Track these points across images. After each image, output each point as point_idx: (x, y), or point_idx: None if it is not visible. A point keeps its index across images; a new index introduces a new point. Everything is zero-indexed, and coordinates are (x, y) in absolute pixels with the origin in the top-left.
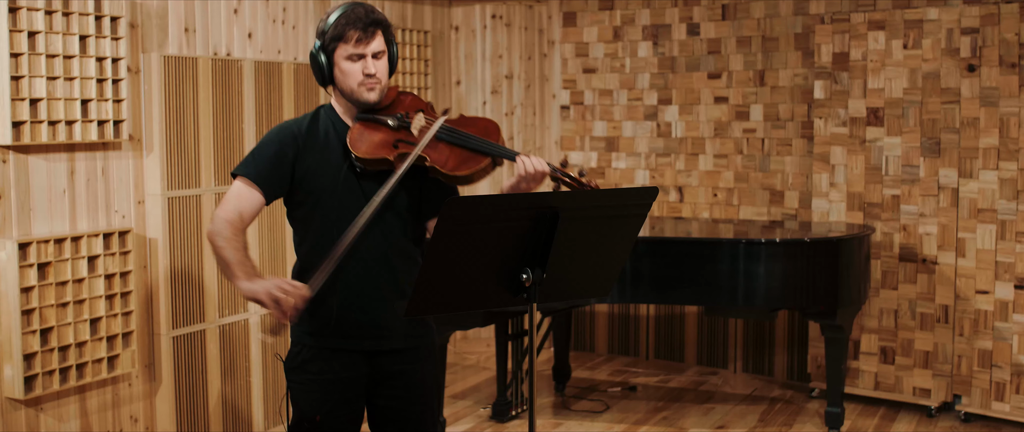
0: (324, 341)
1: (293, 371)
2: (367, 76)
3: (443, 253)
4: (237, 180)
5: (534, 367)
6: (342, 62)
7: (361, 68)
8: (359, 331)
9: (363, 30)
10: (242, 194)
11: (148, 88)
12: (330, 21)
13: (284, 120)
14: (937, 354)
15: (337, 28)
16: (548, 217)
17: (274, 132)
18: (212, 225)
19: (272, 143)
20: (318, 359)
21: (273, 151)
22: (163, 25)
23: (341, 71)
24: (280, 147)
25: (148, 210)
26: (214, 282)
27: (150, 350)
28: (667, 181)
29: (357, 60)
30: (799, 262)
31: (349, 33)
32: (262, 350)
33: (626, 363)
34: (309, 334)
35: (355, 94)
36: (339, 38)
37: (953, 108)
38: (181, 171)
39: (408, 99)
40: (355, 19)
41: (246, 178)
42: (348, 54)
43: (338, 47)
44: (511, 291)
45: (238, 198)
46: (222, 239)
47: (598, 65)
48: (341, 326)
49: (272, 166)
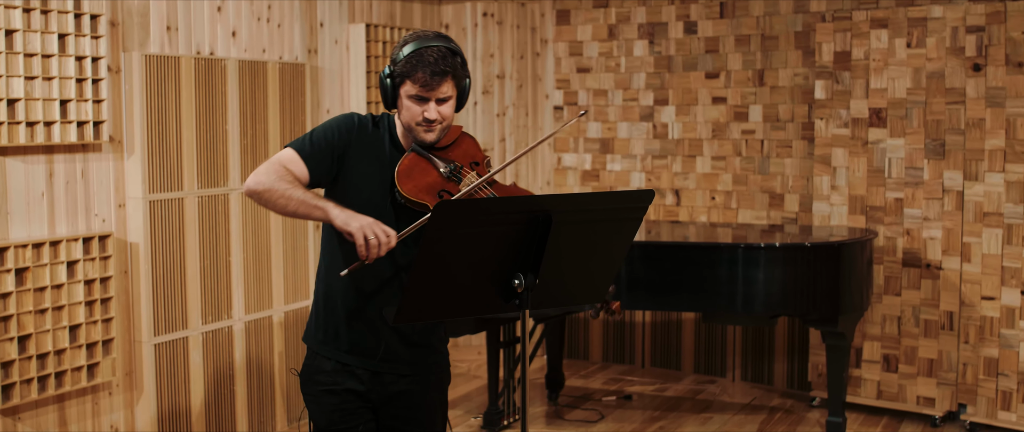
0: (333, 353)
1: (307, 383)
2: (426, 120)
3: (433, 258)
4: (287, 149)
5: (526, 375)
6: (405, 98)
7: (422, 111)
8: (364, 349)
9: (430, 77)
10: (292, 159)
11: (129, 88)
12: (402, 53)
13: (267, 130)
14: (941, 362)
15: (407, 64)
16: (541, 221)
17: (335, 121)
18: (258, 177)
19: (329, 130)
20: (327, 370)
21: (325, 137)
22: (144, 23)
23: (403, 105)
24: (334, 136)
25: (129, 214)
26: (197, 288)
27: (131, 358)
28: (663, 184)
29: (420, 102)
30: (799, 267)
31: (416, 74)
32: (246, 358)
33: (621, 371)
34: (320, 342)
35: (413, 132)
36: (406, 75)
37: (958, 109)
38: (163, 174)
39: (466, 145)
40: (425, 62)
41: (296, 151)
42: (413, 93)
43: (405, 82)
44: (503, 297)
45: (289, 160)
46: (284, 181)
47: (592, 64)
48: (348, 342)
49: (323, 151)
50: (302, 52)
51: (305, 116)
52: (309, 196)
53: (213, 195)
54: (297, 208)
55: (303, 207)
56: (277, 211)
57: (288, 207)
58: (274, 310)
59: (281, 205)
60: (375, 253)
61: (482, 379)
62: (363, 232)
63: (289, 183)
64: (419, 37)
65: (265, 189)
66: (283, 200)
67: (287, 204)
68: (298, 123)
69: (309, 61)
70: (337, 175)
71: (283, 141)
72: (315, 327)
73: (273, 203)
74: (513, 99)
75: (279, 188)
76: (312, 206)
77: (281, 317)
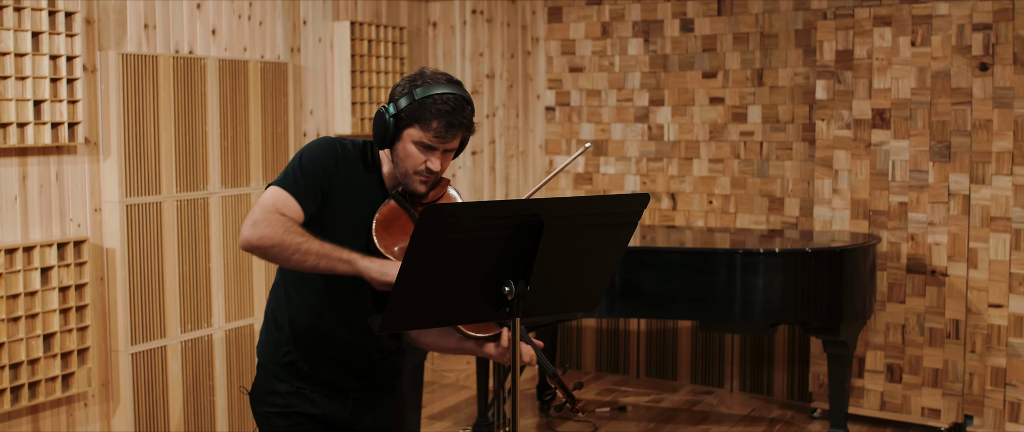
0: (294, 381)
1: (259, 403)
2: (428, 170)
3: (419, 265)
4: (276, 189)
5: (517, 386)
6: (409, 143)
7: (425, 161)
8: (329, 379)
9: (447, 128)
10: (287, 202)
11: (105, 88)
12: (417, 95)
13: (247, 132)
14: (947, 372)
15: (422, 109)
16: (531, 226)
17: (318, 150)
18: (259, 230)
19: (315, 162)
20: (282, 392)
21: (313, 170)
22: (121, 21)
23: (404, 150)
24: (321, 169)
25: (105, 218)
26: (176, 295)
27: (107, 368)
28: (659, 187)
29: (425, 151)
30: (800, 274)
31: (433, 123)
32: (227, 368)
33: (615, 381)
34: (281, 366)
35: (406, 178)
36: (418, 120)
37: (964, 109)
38: (140, 177)
39: (449, 199)
40: (444, 113)
41: (287, 191)
42: (419, 140)
43: (413, 126)
44: (492, 305)
45: (284, 203)
46: (295, 234)
47: (585, 63)
48: (316, 372)
49: (311, 186)
50: (284, 51)
51: (288, 117)
52: (329, 248)
53: (192, 199)
54: (317, 263)
55: (325, 261)
56: (285, 265)
57: (305, 262)
58: (255, 318)
59: (296, 261)
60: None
61: (471, 389)
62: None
63: (300, 235)
64: (432, 80)
65: (273, 244)
66: (298, 256)
67: (304, 260)
68: (280, 124)
69: (292, 60)
70: (322, 206)
71: (265, 143)
72: (275, 347)
73: (284, 259)
74: (503, 99)
75: (291, 242)
76: (335, 259)
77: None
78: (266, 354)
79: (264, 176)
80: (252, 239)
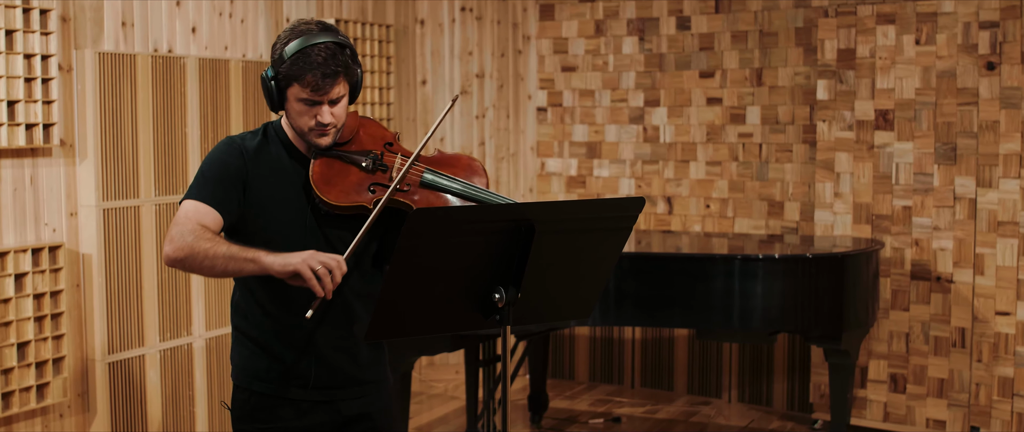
0: (274, 389)
1: (242, 420)
2: (319, 124)
3: (406, 271)
4: (186, 202)
5: (508, 396)
6: (294, 102)
7: (314, 115)
8: (310, 381)
9: (321, 79)
10: (199, 210)
11: (81, 88)
12: (286, 53)
13: (229, 133)
14: (953, 382)
15: (293, 66)
16: (523, 231)
17: (218, 151)
18: (173, 244)
19: (218, 163)
20: (270, 407)
21: (219, 172)
22: (98, 19)
23: (293, 109)
24: (227, 168)
25: (81, 223)
26: (154, 302)
27: (83, 377)
28: (654, 191)
29: (311, 106)
30: (800, 280)
31: (306, 78)
32: (207, 377)
33: (609, 392)
34: (258, 379)
35: (304, 136)
36: (293, 78)
37: (970, 110)
38: (118, 180)
39: (370, 128)
40: (313, 65)
41: (198, 200)
42: (302, 97)
43: (292, 85)
44: (482, 313)
45: (196, 213)
46: (204, 240)
47: (578, 63)
48: (293, 376)
49: (224, 187)
50: (267, 49)
51: (270, 118)
52: (235, 250)
53: (171, 203)
54: (226, 266)
55: (233, 263)
56: (204, 274)
57: (215, 267)
58: None
59: (208, 266)
60: (330, 284)
61: (460, 400)
62: (309, 266)
63: (209, 241)
64: (302, 32)
65: (186, 254)
66: (208, 261)
67: (214, 265)
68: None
69: None
70: (245, 207)
71: None
72: (248, 362)
73: (198, 267)
74: (493, 100)
75: (200, 249)
76: (242, 260)
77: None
78: (242, 372)
79: None
80: (169, 252)
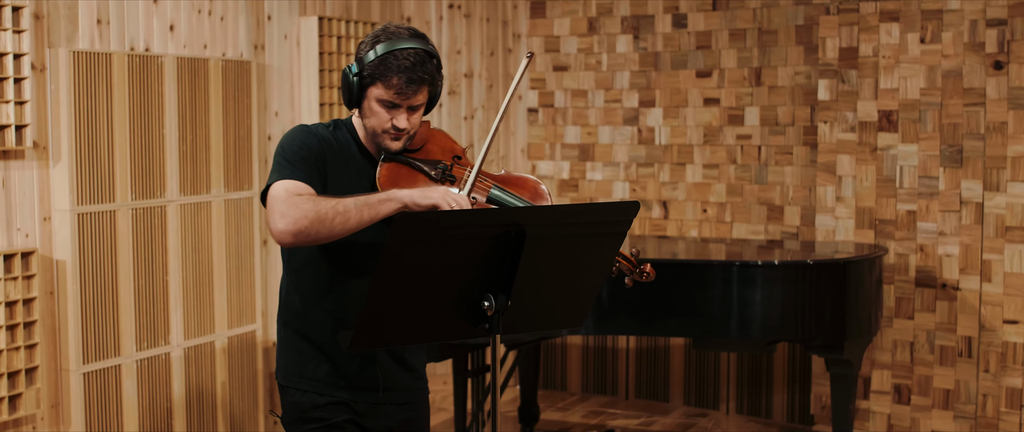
0: (325, 390)
1: (296, 423)
2: (395, 128)
3: (393, 278)
4: (277, 184)
5: (497, 408)
6: (373, 101)
7: (391, 119)
8: (361, 382)
9: (406, 84)
10: (296, 187)
11: (55, 88)
12: (376, 52)
13: (207, 135)
14: (959, 393)
15: (381, 66)
16: (513, 236)
17: (296, 136)
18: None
19: (299, 145)
20: (321, 405)
21: (303, 154)
22: (72, 16)
23: (370, 108)
24: (309, 150)
25: (55, 228)
26: (131, 311)
27: (57, 388)
28: (649, 195)
29: (390, 109)
30: (801, 287)
31: (393, 79)
32: (186, 389)
33: (603, 403)
34: (305, 378)
35: (376, 137)
36: (378, 78)
37: (977, 111)
38: (93, 183)
39: (440, 140)
40: (402, 68)
41: (289, 179)
42: (383, 98)
43: (376, 84)
44: (470, 321)
45: (294, 187)
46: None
47: (570, 62)
48: (342, 376)
49: (310, 167)
50: (248, 48)
51: (251, 119)
52: (363, 198)
53: (149, 207)
54: (361, 214)
55: (368, 209)
56: (334, 234)
57: (350, 219)
58: (217, 335)
59: (341, 222)
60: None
61: (448, 411)
62: (446, 201)
63: (328, 200)
64: (393, 35)
65: (312, 219)
66: (340, 217)
67: (347, 217)
68: (243, 127)
69: (255, 58)
70: (322, 187)
71: (226, 147)
72: (295, 363)
73: (328, 226)
74: (482, 101)
75: (325, 208)
76: (377, 202)
77: (224, 343)
78: (289, 373)
79: (225, 183)
80: (288, 227)
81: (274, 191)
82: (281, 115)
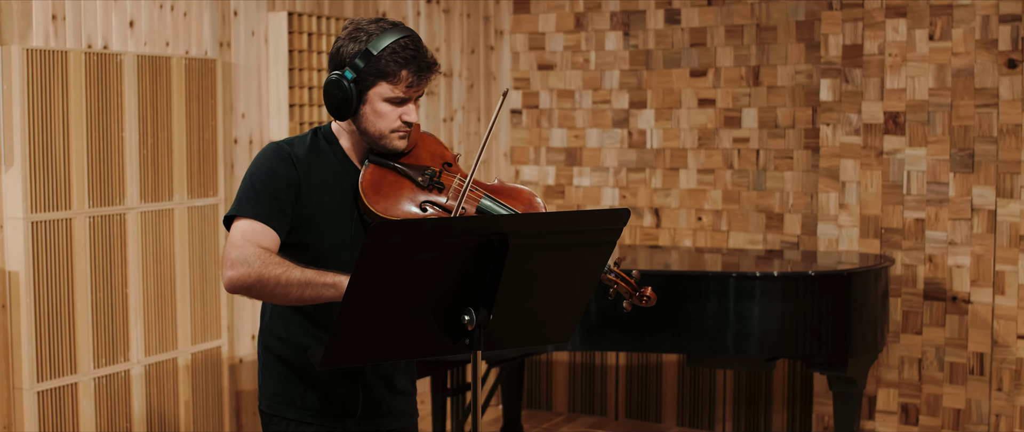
0: (312, 418)
1: None
2: (406, 124)
3: (367, 290)
4: (239, 221)
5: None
6: (378, 102)
7: (400, 114)
8: (350, 409)
9: (418, 75)
10: (255, 231)
11: (7, 88)
12: (378, 48)
13: (169, 137)
14: (970, 413)
15: (386, 63)
16: (495, 245)
17: (266, 160)
18: (238, 269)
19: (267, 174)
20: None
21: (270, 184)
22: (25, 12)
23: (374, 111)
24: (277, 179)
25: (7, 237)
26: (88, 325)
27: (9, 408)
28: (640, 202)
29: (399, 104)
30: (802, 301)
31: (402, 73)
32: (146, 408)
33: (591, 424)
34: (293, 407)
35: (384, 140)
36: (385, 75)
37: (990, 112)
38: (48, 190)
39: (429, 144)
40: (409, 59)
41: (251, 219)
42: (390, 96)
43: (379, 84)
44: (450, 337)
45: (253, 234)
46: (272, 265)
47: (557, 60)
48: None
49: (277, 201)
50: (212, 45)
51: (216, 121)
52: (311, 275)
53: (107, 215)
54: (302, 293)
55: (309, 290)
56: (274, 302)
57: (289, 295)
58: (179, 351)
59: (280, 294)
60: None
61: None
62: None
63: (278, 265)
64: (379, 29)
65: (254, 282)
66: (280, 289)
67: (287, 292)
68: (208, 129)
69: (221, 56)
70: (296, 221)
71: (190, 150)
72: (281, 390)
73: (268, 295)
74: (463, 102)
75: (270, 276)
76: (320, 285)
77: (188, 360)
78: (274, 401)
79: (189, 189)
80: (234, 278)
81: (233, 234)
82: (248, 117)
